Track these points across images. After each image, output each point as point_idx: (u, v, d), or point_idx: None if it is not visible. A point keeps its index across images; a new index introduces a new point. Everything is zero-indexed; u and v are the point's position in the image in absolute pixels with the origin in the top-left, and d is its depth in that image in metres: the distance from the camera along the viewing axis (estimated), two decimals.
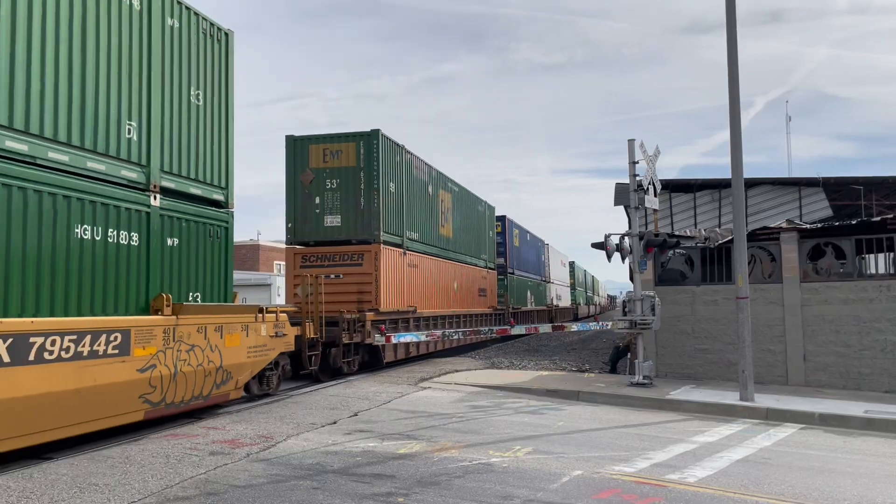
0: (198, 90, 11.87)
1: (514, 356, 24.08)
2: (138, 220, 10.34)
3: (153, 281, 10.53)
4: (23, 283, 8.39)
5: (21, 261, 8.38)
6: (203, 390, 11.06)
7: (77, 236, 9.21)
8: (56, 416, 8.55)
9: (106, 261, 9.68)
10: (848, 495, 7.38)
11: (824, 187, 26.99)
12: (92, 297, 9.42)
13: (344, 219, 19.03)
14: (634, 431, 10.79)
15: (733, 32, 13.34)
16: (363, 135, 19.02)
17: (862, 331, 15.08)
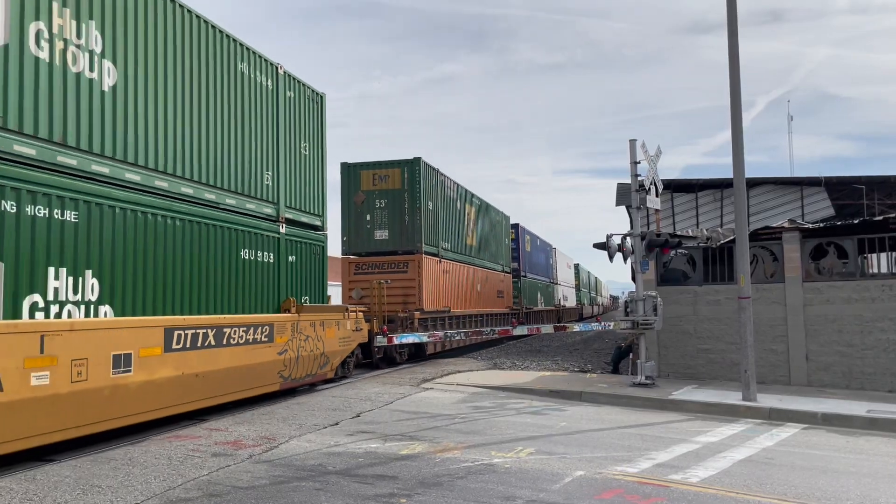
0: (304, 143, 15.54)
1: (516, 357, 24.08)
2: (273, 243, 14.03)
3: (282, 288, 14.27)
4: (212, 290, 12.00)
5: (212, 275, 12.00)
6: (312, 370, 14.44)
7: (241, 257, 12.93)
8: (236, 383, 12.04)
9: (256, 274, 13.35)
10: (851, 495, 7.37)
11: (826, 187, 26.97)
12: (250, 300, 13.09)
13: (391, 233, 22.23)
14: (637, 432, 10.78)
15: (734, 32, 13.34)
16: (407, 162, 22.27)
17: (864, 330, 15.06)
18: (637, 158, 15.64)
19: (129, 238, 10.19)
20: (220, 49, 12.64)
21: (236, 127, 12.96)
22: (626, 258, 15.79)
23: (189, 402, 10.95)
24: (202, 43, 12.15)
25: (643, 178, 15.62)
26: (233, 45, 12.98)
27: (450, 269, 24.94)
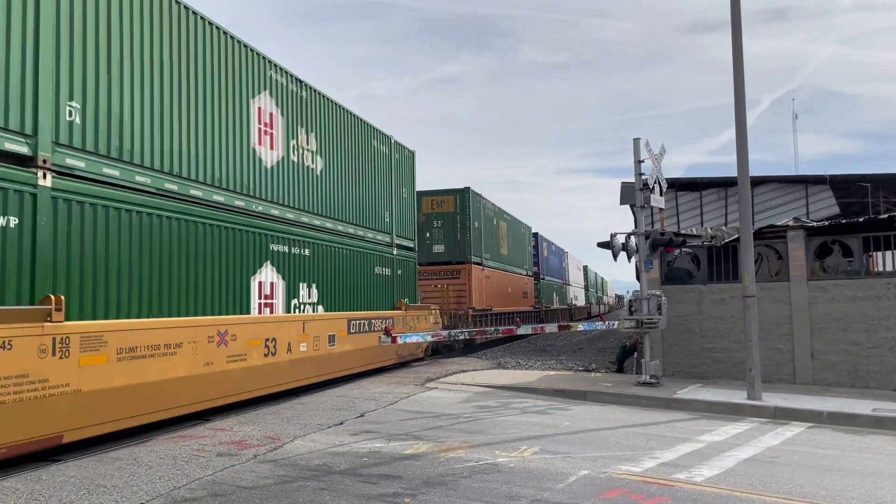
0: (404, 188, 21.21)
1: (520, 356, 24.07)
2: (390, 262, 19.72)
3: (395, 293, 20.02)
4: (363, 295, 17.68)
5: (363, 285, 17.71)
6: (413, 350, 19.73)
7: (375, 272, 18.60)
8: (375, 356, 17.86)
9: (382, 284, 19.00)
10: (856, 494, 7.35)
11: (831, 185, 26.89)
12: (380, 301, 18.79)
13: (446, 247, 27.65)
14: (641, 431, 10.76)
15: (738, 30, 13.31)
16: (458, 190, 27.95)
17: (870, 329, 15.01)
18: (641, 157, 15.61)
19: (329, 263, 16.18)
20: (366, 134, 18.64)
21: (371, 183, 18.78)
22: (630, 257, 15.77)
23: (356, 367, 17.11)
24: (361, 135, 18.29)
25: (647, 177, 15.59)
26: (370, 128, 18.85)
27: (490, 276, 30.31)
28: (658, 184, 15.85)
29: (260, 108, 13.54)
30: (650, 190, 15.58)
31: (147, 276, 10.41)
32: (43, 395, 8.30)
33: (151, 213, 10.56)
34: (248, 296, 12.93)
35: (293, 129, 14.73)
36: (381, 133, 19.53)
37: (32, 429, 8.24)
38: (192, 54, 11.67)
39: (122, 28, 10.12)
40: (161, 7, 10.95)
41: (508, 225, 34.66)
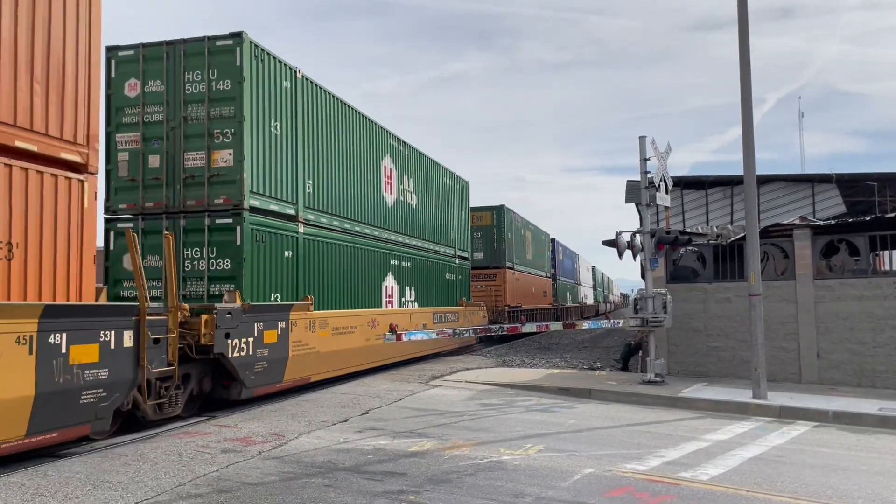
0: (462, 211, 26.76)
1: (525, 354, 24.06)
2: (454, 269, 25.01)
3: (458, 293, 25.40)
4: (438, 294, 23.05)
5: (438, 286, 23.21)
6: (466, 339, 23.31)
7: (445, 278, 23.87)
8: (442, 343, 22.23)
9: (450, 286, 24.35)
10: (862, 493, 7.32)
11: (837, 184, 26.79)
12: (448, 299, 24.06)
13: (484, 254, 32.05)
14: (646, 429, 10.74)
15: (745, 28, 13.26)
16: (495, 207, 32.44)
17: (876, 328, 14.95)
18: (647, 155, 15.56)
19: (420, 271, 21.70)
20: (440, 173, 24.16)
21: (443, 210, 24.24)
22: (635, 255, 15.73)
23: (437, 348, 22.72)
24: (437, 174, 23.78)
25: (653, 175, 15.55)
26: (442, 168, 24.31)
27: (519, 278, 34.90)
28: (664, 182, 15.82)
29: (385, 166, 19.44)
30: (656, 188, 15.54)
31: (339, 282, 16.40)
32: (306, 353, 14.04)
33: (338, 243, 16.52)
34: (380, 295, 18.79)
35: (401, 177, 20.59)
36: (449, 170, 25.05)
37: (302, 372, 14.15)
38: (355, 138, 17.66)
39: (325, 134, 16.05)
40: (344, 112, 17.11)
41: (532, 234, 39.62)
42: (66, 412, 8.34)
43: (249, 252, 12.84)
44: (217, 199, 12.81)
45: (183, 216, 12.94)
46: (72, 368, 8.37)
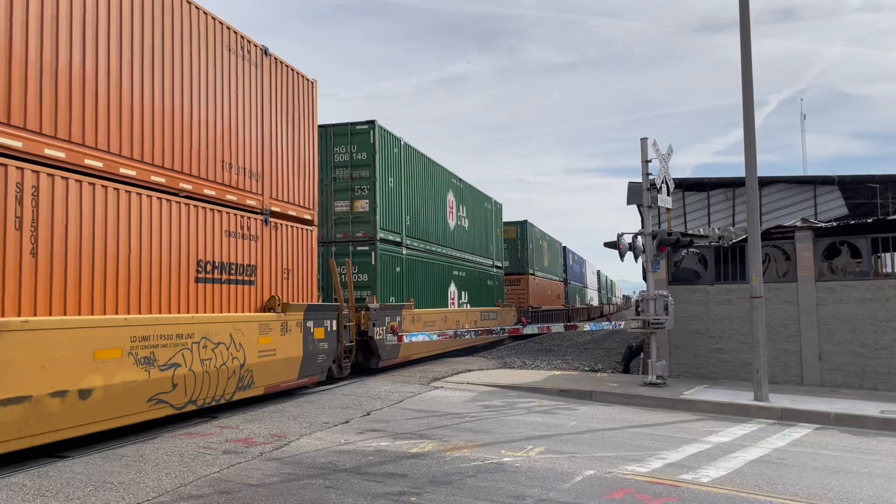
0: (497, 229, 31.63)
1: (526, 356, 24.05)
2: (493, 277, 30.12)
3: (495, 296, 30.26)
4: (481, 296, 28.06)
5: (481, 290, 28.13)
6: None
7: (487, 283, 29.17)
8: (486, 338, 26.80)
9: (490, 290, 29.51)
10: (864, 496, 7.31)
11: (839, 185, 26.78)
12: (489, 301, 29.02)
13: (511, 262, 35.45)
14: (647, 431, 10.74)
15: (747, 30, 13.26)
16: (519, 222, 37.02)
17: (878, 330, 14.93)
18: (648, 157, 15.56)
19: (470, 279, 26.37)
20: (481, 198, 28.89)
21: (484, 229, 29.18)
22: (637, 257, 15.72)
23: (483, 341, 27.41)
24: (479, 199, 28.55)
25: (654, 177, 15.54)
26: (483, 194, 29.10)
27: (539, 283, 39.58)
28: (665, 183, 15.81)
29: (449, 199, 24.67)
30: (657, 190, 15.54)
31: (424, 289, 21.78)
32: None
33: (424, 260, 21.97)
34: (446, 298, 24.13)
35: (458, 206, 25.69)
36: (488, 196, 30.00)
37: (408, 352, 19.53)
38: (431, 180, 22.99)
39: (414, 181, 21.29)
40: (426, 162, 22.35)
41: (548, 243, 44.81)
42: (312, 367, 14.17)
43: (379, 269, 18.40)
44: (358, 234, 18.56)
45: (333, 245, 18.46)
46: (315, 341, 14.17)
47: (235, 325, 11.74)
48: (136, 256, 9.98)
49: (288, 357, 13.21)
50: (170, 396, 10.16)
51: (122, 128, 9.87)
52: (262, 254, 13.13)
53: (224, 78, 12.14)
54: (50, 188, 8.67)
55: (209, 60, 11.74)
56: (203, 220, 11.49)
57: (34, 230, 8.41)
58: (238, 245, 12.41)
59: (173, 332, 10.25)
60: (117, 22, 9.82)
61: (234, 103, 12.42)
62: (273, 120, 13.61)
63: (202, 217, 11.47)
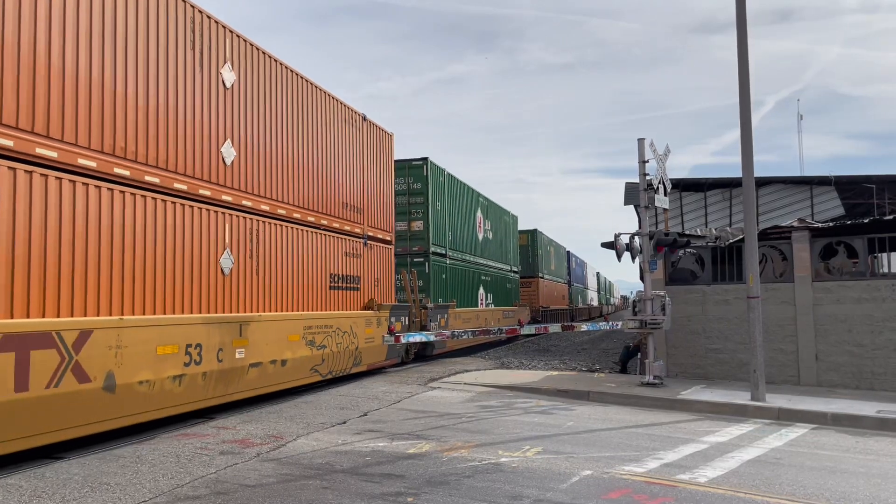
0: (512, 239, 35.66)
1: (523, 356, 24.05)
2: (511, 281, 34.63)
3: (512, 297, 34.63)
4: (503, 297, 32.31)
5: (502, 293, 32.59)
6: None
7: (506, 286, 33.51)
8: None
9: (508, 292, 33.86)
10: (860, 495, 7.32)
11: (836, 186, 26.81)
12: (508, 301, 33.42)
13: (522, 267, 38.59)
14: (645, 431, 10.75)
15: (744, 31, 13.27)
16: (530, 231, 40.75)
17: (875, 330, 14.96)
18: (646, 157, 15.58)
19: (494, 283, 30.80)
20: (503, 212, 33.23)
21: (504, 238, 33.31)
22: (634, 257, 15.73)
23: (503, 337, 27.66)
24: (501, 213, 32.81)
25: (652, 177, 15.55)
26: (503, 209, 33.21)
27: (546, 285, 43.44)
28: (662, 184, 15.82)
29: (478, 215, 28.98)
30: (654, 190, 15.54)
31: (462, 292, 25.66)
32: None
33: (461, 268, 26.02)
34: (476, 299, 28.17)
35: (484, 220, 29.88)
36: (506, 209, 34.19)
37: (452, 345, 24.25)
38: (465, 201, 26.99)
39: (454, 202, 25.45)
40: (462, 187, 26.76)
41: (554, 249, 48.88)
42: (393, 352, 18.48)
43: (432, 276, 22.70)
44: (414, 248, 22.76)
45: (395, 258, 20.46)
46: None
47: (352, 319, 16.39)
48: (305, 273, 14.55)
49: (380, 344, 17.41)
50: (320, 367, 14.72)
51: (297, 186, 14.43)
52: (363, 267, 17.48)
53: (342, 141, 16.47)
54: (266, 230, 13.20)
55: (333, 129, 16.07)
56: (333, 245, 15.89)
57: (253, 256, 12.82)
58: (351, 262, 16.77)
59: (323, 323, 14.86)
60: (284, 111, 14.02)
61: (348, 158, 16.73)
62: (368, 166, 17.84)
63: (332, 243, 15.84)
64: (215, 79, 11.83)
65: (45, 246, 8.52)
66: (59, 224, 8.73)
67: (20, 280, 8.19)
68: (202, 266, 11.38)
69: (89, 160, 9.21)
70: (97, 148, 9.36)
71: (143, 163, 10.19)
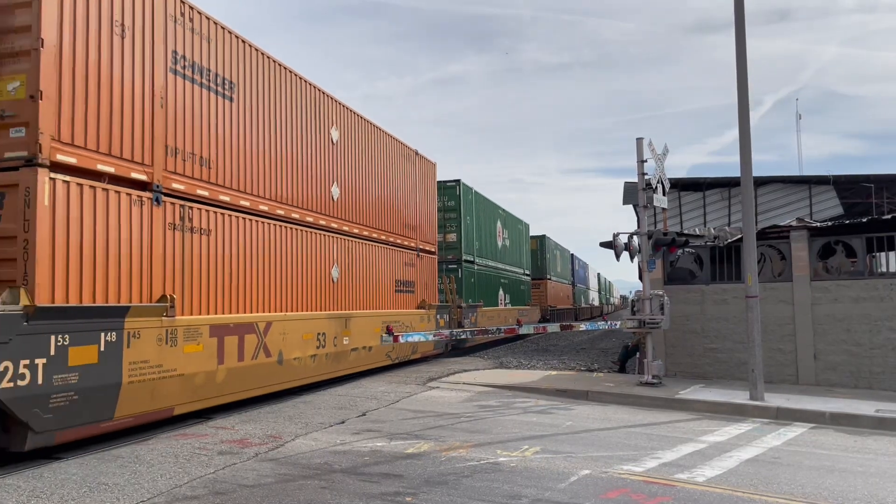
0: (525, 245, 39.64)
1: (522, 356, 24.05)
2: (524, 283, 37.91)
3: (525, 297, 38.20)
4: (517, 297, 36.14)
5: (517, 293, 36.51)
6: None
7: (520, 288, 37.17)
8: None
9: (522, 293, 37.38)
10: (858, 495, 7.33)
11: (835, 185, 26.83)
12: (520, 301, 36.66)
13: (532, 269, 41.07)
14: (643, 431, 10.75)
15: (742, 31, 13.28)
16: (540, 236, 44.45)
17: (873, 329, 14.97)
18: (644, 157, 15.58)
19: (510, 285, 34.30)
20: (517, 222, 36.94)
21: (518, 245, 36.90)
22: (632, 257, 15.74)
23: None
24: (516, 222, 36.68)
25: (650, 177, 15.55)
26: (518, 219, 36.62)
27: (554, 286, 47.18)
28: (661, 184, 15.82)
29: (498, 226, 32.50)
30: (653, 190, 15.54)
31: (487, 293, 29.33)
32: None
33: (487, 273, 29.90)
34: (497, 299, 31.57)
35: (503, 230, 33.42)
36: (520, 219, 37.60)
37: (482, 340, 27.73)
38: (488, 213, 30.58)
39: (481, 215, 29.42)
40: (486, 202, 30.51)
41: (560, 253, 52.69)
42: (439, 344, 21.76)
43: (463, 280, 26.16)
44: (449, 256, 25.96)
45: None
46: (441, 328, 21.49)
47: (412, 316, 20.19)
48: (380, 279, 18.47)
49: None
50: (391, 353, 18.55)
51: (375, 212, 18.35)
52: (416, 274, 21.25)
53: (402, 172, 20.32)
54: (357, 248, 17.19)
55: (396, 164, 19.92)
56: (397, 257, 19.72)
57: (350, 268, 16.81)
58: (408, 270, 20.55)
59: (394, 319, 17.99)
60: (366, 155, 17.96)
61: (405, 185, 20.55)
62: (418, 190, 21.68)
63: (396, 255, 19.69)
64: (326, 137, 15.80)
65: (248, 264, 12.58)
66: (249, 248, 12.61)
67: (237, 289, 12.19)
68: (320, 276, 15.26)
69: (264, 205, 13.22)
70: (269, 197, 13.39)
71: (290, 204, 14.15)
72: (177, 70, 10.90)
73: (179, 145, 10.97)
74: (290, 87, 14.18)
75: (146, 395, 9.71)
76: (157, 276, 10.25)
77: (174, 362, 10.25)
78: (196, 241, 11.18)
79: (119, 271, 9.58)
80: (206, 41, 11.62)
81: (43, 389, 8.04)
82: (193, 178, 11.26)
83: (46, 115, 8.58)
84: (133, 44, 10.00)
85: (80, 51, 9.10)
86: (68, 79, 8.93)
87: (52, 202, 8.57)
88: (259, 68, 13.19)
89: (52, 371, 8.16)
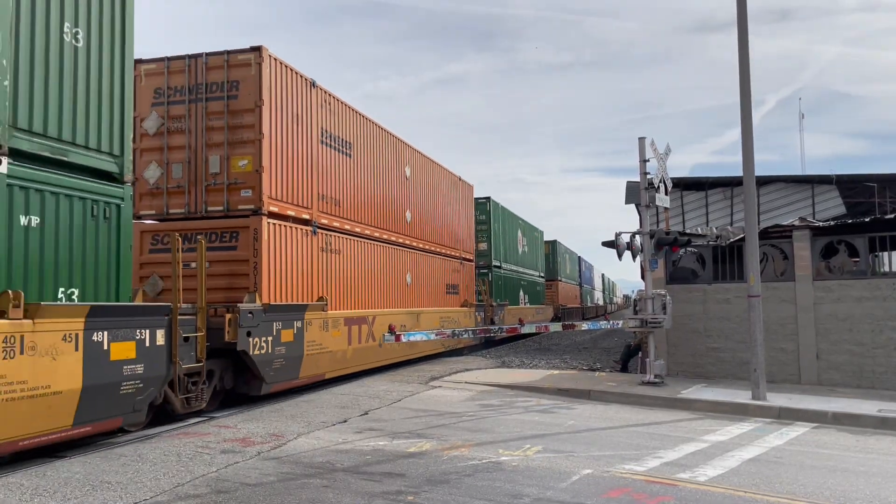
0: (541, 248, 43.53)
1: (524, 355, 24.05)
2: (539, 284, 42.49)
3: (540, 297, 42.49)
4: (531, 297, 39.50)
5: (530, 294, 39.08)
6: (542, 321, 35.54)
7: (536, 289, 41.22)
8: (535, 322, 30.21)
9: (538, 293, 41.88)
10: (861, 495, 7.32)
11: (837, 185, 26.80)
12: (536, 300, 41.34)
13: (545, 272, 43.89)
14: (645, 430, 10.75)
15: (744, 30, 13.26)
16: (552, 241, 47.40)
17: (875, 329, 14.95)
18: (646, 156, 15.57)
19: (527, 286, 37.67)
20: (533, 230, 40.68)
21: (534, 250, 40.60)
22: (634, 256, 15.72)
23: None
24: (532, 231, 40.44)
25: (652, 177, 15.55)
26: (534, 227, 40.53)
27: (564, 286, 50.21)
28: (663, 183, 15.82)
29: (518, 234, 35.82)
30: (655, 189, 15.54)
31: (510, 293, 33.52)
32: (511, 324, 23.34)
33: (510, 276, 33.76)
34: (518, 299, 34.77)
35: (522, 237, 36.60)
36: (536, 227, 40.80)
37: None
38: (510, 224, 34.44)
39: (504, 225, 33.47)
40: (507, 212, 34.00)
41: (569, 255, 56.33)
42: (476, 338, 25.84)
43: (492, 283, 29.88)
44: (481, 262, 29.39)
45: None
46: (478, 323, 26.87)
47: (458, 313, 24.44)
48: (436, 283, 22.70)
49: None
50: (445, 343, 22.22)
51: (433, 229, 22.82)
52: (460, 278, 25.45)
53: (450, 195, 24.68)
54: (422, 259, 21.71)
55: (446, 189, 24.26)
56: (447, 265, 24.07)
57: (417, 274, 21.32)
58: (454, 275, 24.85)
59: (447, 316, 22.83)
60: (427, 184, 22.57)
61: (452, 206, 24.88)
62: (461, 208, 25.95)
63: (447, 264, 24.05)
64: (402, 174, 20.40)
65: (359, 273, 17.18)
66: (360, 262, 17.18)
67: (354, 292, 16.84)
68: (398, 281, 19.64)
69: (367, 230, 17.83)
70: (369, 223, 17.91)
71: (381, 227, 18.62)
72: (322, 140, 15.48)
73: (324, 192, 15.53)
74: (381, 139, 18.83)
75: (313, 363, 14.23)
76: (315, 284, 14.84)
77: (327, 342, 14.82)
78: (333, 259, 15.83)
79: (298, 281, 14.15)
80: (336, 116, 16.20)
81: (271, 356, 12.68)
82: (331, 214, 15.90)
83: (265, 181, 13.09)
84: (302, 129, 14.60)
85: (278, 138, 13.61)
86: (274, 157, 13.46)
87: (268, 237, 13.08)
88: (364, 129, 17.80)
89: (275, 345, 12.77)
